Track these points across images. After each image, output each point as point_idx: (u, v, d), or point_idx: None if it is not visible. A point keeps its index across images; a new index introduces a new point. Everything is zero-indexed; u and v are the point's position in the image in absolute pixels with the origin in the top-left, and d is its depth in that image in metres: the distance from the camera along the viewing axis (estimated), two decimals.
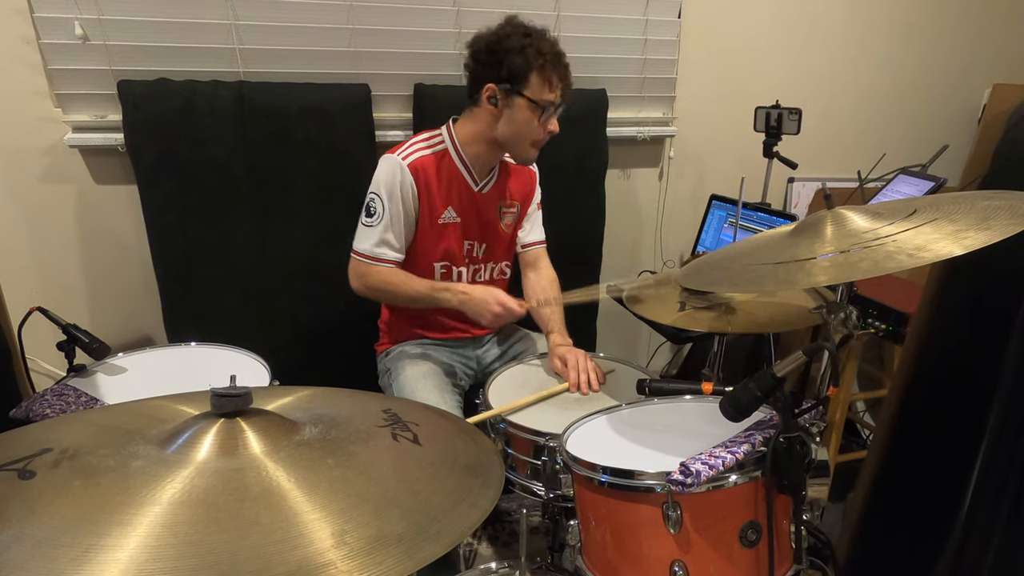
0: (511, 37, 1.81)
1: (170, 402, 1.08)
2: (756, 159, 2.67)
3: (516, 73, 1.80)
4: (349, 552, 0.74)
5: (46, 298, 2.14)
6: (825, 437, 1.68)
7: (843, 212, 1.31)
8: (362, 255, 1.92)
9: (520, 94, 1.81)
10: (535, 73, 1.80)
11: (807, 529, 1.26)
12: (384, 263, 1.92)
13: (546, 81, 1.81)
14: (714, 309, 1.70)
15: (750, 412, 1.19)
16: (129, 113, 2.13)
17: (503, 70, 1.81)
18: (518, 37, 1.81)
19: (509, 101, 1.83)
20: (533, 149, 1.92)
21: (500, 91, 1.83)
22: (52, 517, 0.75)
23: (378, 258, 1.91)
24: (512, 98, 1.83)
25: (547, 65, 1.80)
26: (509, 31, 1.83)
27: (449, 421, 1.19)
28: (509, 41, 1.80)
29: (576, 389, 1.80)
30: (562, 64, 1.85)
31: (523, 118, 1.84)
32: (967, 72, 3.38)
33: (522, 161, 1.97)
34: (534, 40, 1.81)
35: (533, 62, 1.79)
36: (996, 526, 1.48)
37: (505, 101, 1.84)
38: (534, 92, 1.81)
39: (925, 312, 1.73)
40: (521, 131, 1.86)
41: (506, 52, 1.80)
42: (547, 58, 1.80)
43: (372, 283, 1.93)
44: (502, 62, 1.80)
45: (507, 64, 1.80)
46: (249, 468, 0.86)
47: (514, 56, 1.79)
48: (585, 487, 1.32)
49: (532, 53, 1.79)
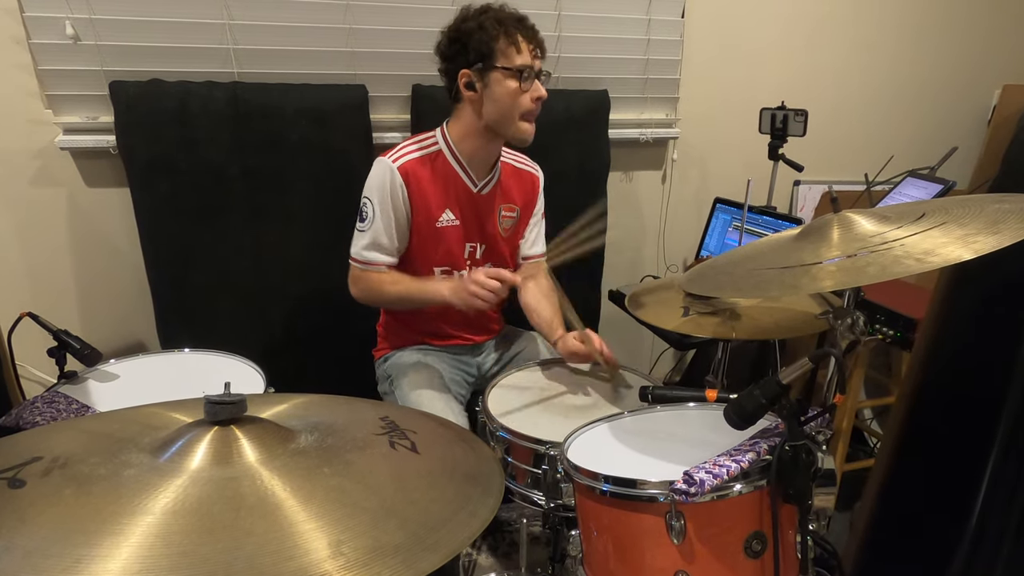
0: (467, 20, 1.83)
1: (163, 409, 1.09)
2: (761, 161, 2.66)
3: (482, 49, 1.80)
4: (346, 563, 0.74)
5: (36, 303, 2.10)
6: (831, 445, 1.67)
7: (850, 215, 1.30)
8: (356, 261, 1.93)
9: (493, 67, 1.81)
10: (499, 41, 1.80)
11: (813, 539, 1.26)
12: (375, 266, 1.91)
13: (512, 44, 1.80)
14: (718, 315, 1.69)
15: (755, 420, 1.18)
16: (121, 115, 2.11)
17: (469, 53, 1.81)
18: (474, 17, 1.83)
19: (485, 79, 1.83)
20: (525, 123, 1.88)
21: (473, 73, 1.83)
22: (42, 527, 0.76)
23: (369, 262, 1.91)
24: (487, 75, 1.82)
25: (509, 29, 1.80)
26: (464, 16, 1.85)
27: (448, 429, 1.20)
28: (467, 24, 1.83)
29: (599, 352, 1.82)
30: (525, 26, 1.84)
31: (503, 91, 1.82)
32: (976, 73, 3.38)
33: (519, 141, 1.93)
34: (490, 12, 1.83)
35: (494, 31, 1.79)
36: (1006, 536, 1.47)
37: (481, 81, 1.83)
38: (504, 60, 1.81)
39: (934, 318, 1.72)
40: (506, 105, 1.84)
41: (467, 34, 1.81)
42: (507, 23, 1.81)
43: (366, 286, 1.94)
44: (467, 45, 1.81)
45: (471, 45, 1.81)
46: (244, 477, 0.86)
47: (475, 34, 1.80)
48: (586, 496, 1.30)
49: (491, 24, 1.79)
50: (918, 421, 1.75)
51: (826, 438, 1.27)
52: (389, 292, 1.92)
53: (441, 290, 1.85)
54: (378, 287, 1.92)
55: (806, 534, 1.21)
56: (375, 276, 1.92)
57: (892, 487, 1.81)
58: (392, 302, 2.01)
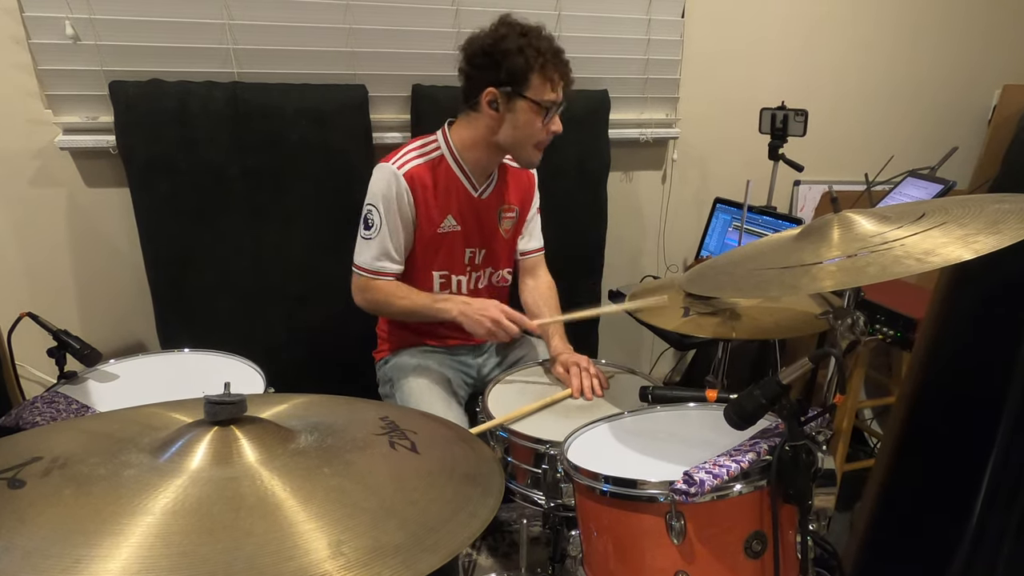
0: (507, 38, 1.77)
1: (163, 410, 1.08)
2: (761, 161, 2.65)
3: (516, 75, 1.77)
4: (346, 563, 0.73)
5: (36, 303, 2.10)
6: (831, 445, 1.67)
7: (850, 216, 1.30)
8: (363, 269, 1.90)
9: (522, 96, 1.78)
10: (536, 73, 1.77)
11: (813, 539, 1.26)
12: (385, 276, 1.90)
13: (547, 80, 1.78)
14: (718, 315, 1.69)
15: (755, 420, 1.18)
16: (121, 115, 2.11)
17: (502, 72, 1.77)
18: (515, 37, 1.77)
19: (511, 104, 1.80)
20: (536, 151, 1.89)
21: (501, 94, 1.80)
22: (42, 527, 0.75)
23: (379, 272, 1.89)
24: (513, 101, 1.80)
25: (547, 64, 1.77)
26: (505, 31, 1.79)
27: (448, 429, 1.19)
28: (506, 42, 1.77)
29: (579, 394, 1.77)
30: (562, 61, 1.82)
31: (526, 120, 1.81)
32: (976, 73, 3.38)
33: (526, 164, 1.95)
34: (531, 39, 1.77)
35: (533, 62, 1.75)
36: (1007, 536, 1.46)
37: (506, 105, 1.81)
38: (536, 93, 1.78)
39: (934, 318, 1.72)
40: (524, 134, 1.83)
41: (504, 54, 1.76)
42: (547, 56, 1.77)
43: (374, 297, 1.92)
44: (500, 64, 1.77)
45: (506, 66, 1.76)
46: (244, 477, 0.85)
47: (513, 57, 1.75)
48: (587, 496, 1.30)
49: (531, 53, 1.75)
50: (918, 421, 1.75)
51: (826, 438, 1.27)
52: (398, 305, 1.91)
53: (451, 311, 1.84)
54: (386, 299, 1.91)
55: (806, 534, 1.20)
56: (384, 287, 1.90)
57: (892, 487, 1.81)
58: (398, 315, 2.00)
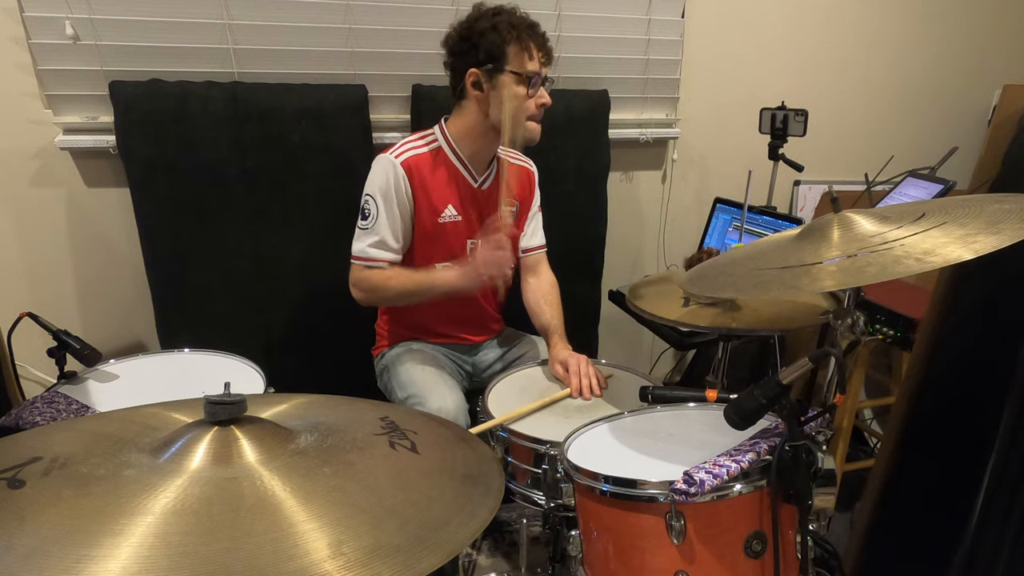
0: (480, 19, 1.83)
1: (163, 410, 1.08)
2: (761, 161, 2.65)
3: (493, 51, 1.80)
4: (346, 563, 0.73)
5: (36, 303, 2.11)
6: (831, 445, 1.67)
7: (850, 215, 1.30)
8: (359, 258, 1.91)
9: (502, 70, 1.81)
10: (512, 45, 1.80)
11: (813, 540, 1.27)
12: (380, 263, 1.90)
13: (524, 50, 1.81)
14: (718, 305, 1.69)
15: (755, 420, 1.18)
16: (121, 115, 2.10)
17: (480, 53, 1.81)
18: (487, 18, 1.82)
19: (493, 81, 1.83)
20: (531, 124, 1.89)
21: (482, 73, 1.82)
22: (42, 527, 0.75)
23: (374, 259, 1.90)
24: (496, 77, 1.82)
25: (522, 34, 1.81)
26: (477, 15, 1.85)
27: (448, 429, 1.19)
28: (479, 23, 1.82)
29: (578, 394, 1.78)
30: (537, 33, 1.85)
31: (511, 94, 1.82)
32: (977, 73, 3.38)
33: (527, 140, 1.93)
34: (504, 16, 1.82)
35: (507, 35, 1.79)
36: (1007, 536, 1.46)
37: (490, 82, 1.83)
38: (516, 64, 1.81)
39: (934, 318, 1.72)
40: (512, 108, 1.84)
41: (479, 34, 1.81)
42: (520, 28, 1.81)
43: (369, 286, 1.92)
44: (477, 45, 1.81)
45: (483, 46, 1.80)
46: (244, 477, 0.85)
47: (488, 35, 1.80)
48: (587, 496, 1.30)
49: (504, 26, 1.80)
50: (918, 421, 1.75)
51: (826, 438, 1.27)
52: (394, 287, 1.90)
53: (449, 279, 1.85)
54: (383, 284, 1.90)
55: (806, 534, 1.21)
56: (378, 273, 1.90)
57: (892, 487, 1.81)
58: (397, 298, 1.98)
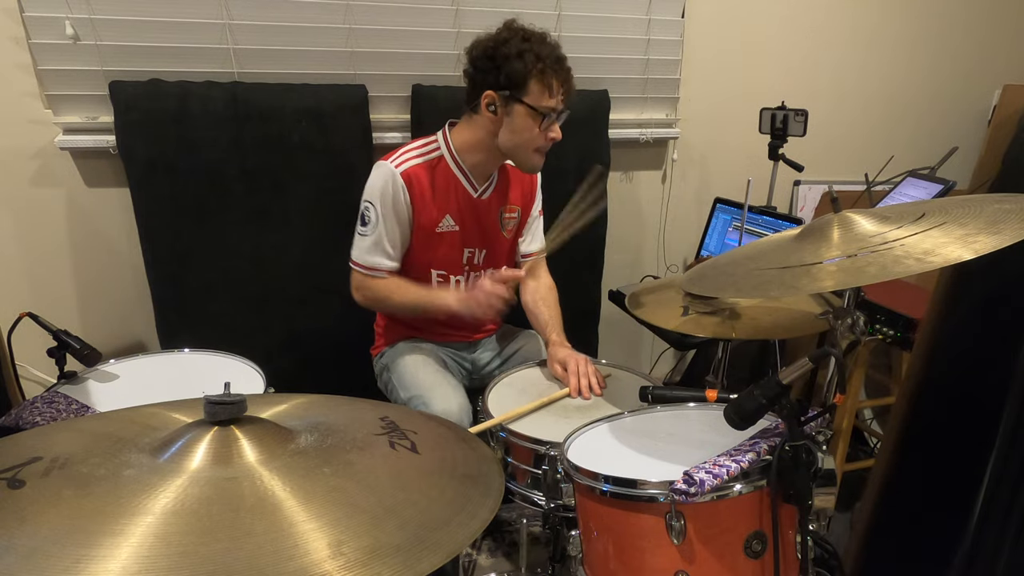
0: (509, 42, 1.77)
1: (163, 410, 1.08)
2: (761, 161, 2.65)
3: (515, 79, 1.77)
4: (346, 563, 0.74)
5: (36, 303, 2.11)
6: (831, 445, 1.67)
7: (850, 216, 1.30)
8: (359, 266, 1.91)
9: (519, 101, 1.78)
10: (534, 79, 1.77)
11: (813, 540, 1.27)
12: (380, 272, 1.90)
13: (546, 87, 1.78)
14: (718, 314, 1.68)
15: (755, 420, 1.18)
16: (121, 115, 2.10)
17: (501, 76, 1.78)
18: (516, 42, 1.77)
19: (508, 108, 1.80)
20: (537, 155, 1.88)
21: (499, 98, 1.80)
22: (42, 527, 0.75)
23: (374, 268, 1.90)
24: (511, 105, 1.80)
25: (547, 70, 1.77)
26: (507, 36, 1.79)
27: (448, 429, 1.19)
28: (507, 47, 1.77)
29: (577, 394, 1.77)
30: (563, 69, 1.81)
31: (523, 125, 1.81)
32: (976, 73, 3.37)
33: (528, 169, 1.94)
34: (533, 45, 1.77)
35: (532, 67, 1.75)
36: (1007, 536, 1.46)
37: (504, 108, 1.81)
38: (534, 99, 1.78)
39: (934, 318, 1.72)
40: (522, 139, 1.83)
41: (504, 58, 1.77)
42: (546, 63, 1.77)
43: (372, 295, 1.93)
44: (500, 68, 1.77)
45: (505, 70, 1.77)
46: (244, 477, 0.85)
47: (512, 62, 1.76)
48: (587, 496, 1.30)
49: (531, 58, 1.75)
50: (919, 421, 1.74)
51: (826, 438, 1.26)
52: (395, 301, 1.92)
53: (447, 301, 1.86)
54: (383, 295, 1.92)
55: (806, 534, 1.20)
56: (380, 283, 1.91)
57: (892, 487, 1.81)
58: (397, 310, 2.02)
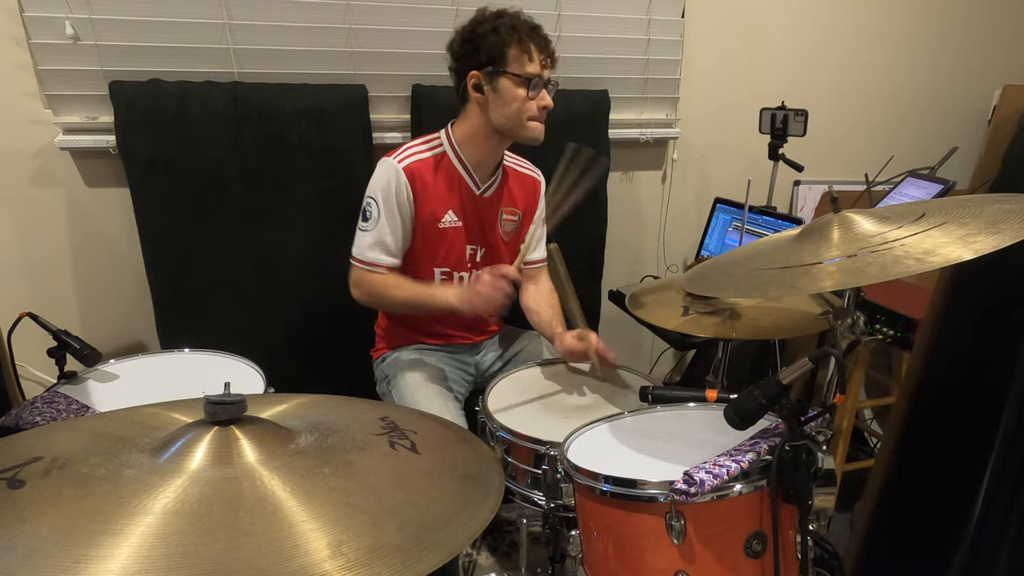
0: (483, 22, 1.83)
1: (163, 410, 1.09)
2: (761, 161, 2.65)
3: (494, 53, 1.80)
4: (346, 563, 0.74)
5: (36, 303, 2.11)
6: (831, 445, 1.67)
7: (850, 215, 1.30)
8: (359, 261, 1.91)
9: (502, 72, 1.81)
10: (512, 48, 1.80)
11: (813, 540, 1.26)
12: (380, 268, 1.90)
13: (524, 52, 1.81)
14: (718, 314, 1.68)
15: (755, 420, 1.18)
16: (121, 115, 2.10)
17: (481, 55, 1.81)
18: (489, 21, 1.82)
19: (494, 83, 1.83)
20: (534, 125, 1.88)
21: (483, 75, 1.83)
22: (42, 527, 0.75)
23: (374, 263, 1.90)
24: (496, 79, 1.82)
25: (523, 37, 1.80)
26: (480, 19, 1.85)
27: (448, 429, 1.19)
28: (481, 26, 1.82)
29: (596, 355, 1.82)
30: (539, 35, 1.84)
31: (511, 96, 1.82)
32: (977, 73, 3.37)
33: (530, 140, 1.92)
34: (506, 18, 1.82)
35: (508, 37, 1.79)
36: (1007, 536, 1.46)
37: (490, 84, 1.83)
38: (515, 67, 1.81)
39: (934, 318, 1.72)
40: (513, 109, 1.84)
41: (481, 37, 1.81)
42: (521, 31, 1.80)
43: (369, 289, 1.92)
44: (479, 47, 1.81)
45: (483, 48, 1.81)
46: (244, 477, 0.86)
47: (489, 37, 1.80)
48: (587, 497, 1.30)
49: (505, 29, 1.79)
50: (919, 421, 1.74)
51: (826, 438, 1.26)
52: (394, 297, 1.90)
53: (448, 297, 1.84)
54: (382, 291, 1.90)
55: (806, 534, 1.20)
56: (379, 279, 1.90)
57: (892, 487, 1.81)
58: (396, 307, 2.00)
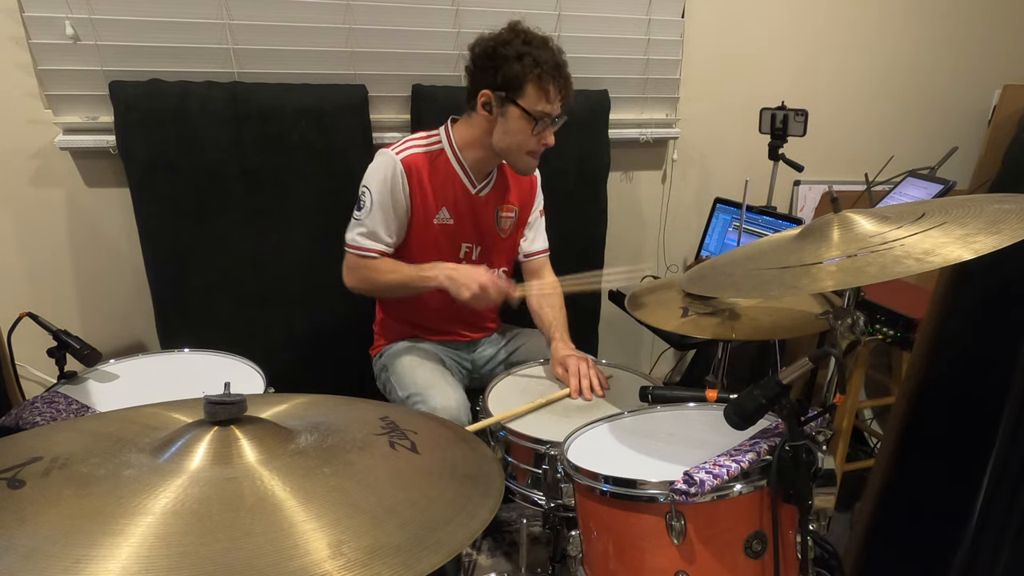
0: (510, 44, 1.78)
1: (163, 410, 1.08)
2: (761, 161, 2.65)
3: (511, 81, 1.78)
4: (346, 563, 0.73)
5: (36, 303, 2.11)
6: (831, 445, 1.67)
7: (850, 216, 1.30)
8: (352, 247, 1.92)
9: (514, 103, 1.79)
10: (531, 83, 1.77)
11: (813, 540, 1.26)
12: (371, 253, 1.90)
13: (542, 92, 1.78)
14: (718, 315, 1.68)
15: (755, 420, 1.18)
16: (121, 115, 2.10)
17: (499, 77, 1.78)
18: (517, 44, 1.78)
19: (503, 109, 1.81)
20: (529, 158, 1.89)
21: (495, 98, 1.81)
22: (42, 527, 0.75)
23: (365, 248, 1.90)
24: (506, 106, 1.80)
25: (544, 75, 1.77)
26: (509, 37, 1.80)
27: (448, 429, 1.19)
28: (508, 48, 1.78)
29: (577, 395, 1.77)
30: (561, 76, 1.81)
31: (516, 128, 1.82)
32: (977, 73, 3.37)
33: (521, 171, 1.95)
34: (533, 49, 1.77)
35: (529, 71, 1.76)
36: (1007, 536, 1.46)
37: (499, 109, 1.82)
38: (529, 102, 1.79)
39: (934, 318, 1.72)
40: (515, 141, 1.84)
41: (503, 59, 1.77)
42: (544, 68, 1.77)
43: (362, 275, 1.93)
44: (498, 68, 1.78)
45: (503, 71, 1.77)
46: (244, 477, 0.85)
47: (511, 63, 1.76)
48: (587, 497, 1.30)
49: (529, 62, 1.76)
50: (918, 421, 1.74)
51: (826, 438, 1.27)
52: (385, 280, 1.91)
53: (436, 277, 1.83)
54: (374, 274, 1.91)
55: (806, 534, 1.20)
56: (371, 263, 1.91)
57: (892, 487, 1.80)
58: (387, 289, 2.00)
